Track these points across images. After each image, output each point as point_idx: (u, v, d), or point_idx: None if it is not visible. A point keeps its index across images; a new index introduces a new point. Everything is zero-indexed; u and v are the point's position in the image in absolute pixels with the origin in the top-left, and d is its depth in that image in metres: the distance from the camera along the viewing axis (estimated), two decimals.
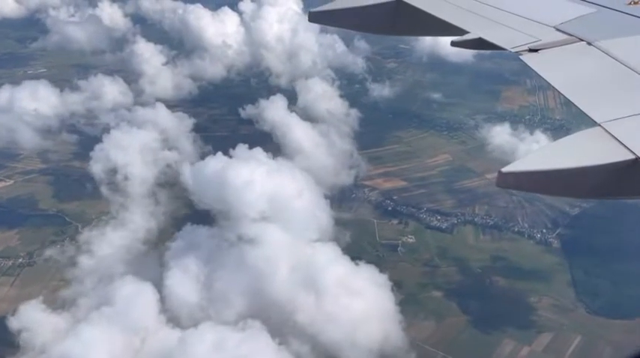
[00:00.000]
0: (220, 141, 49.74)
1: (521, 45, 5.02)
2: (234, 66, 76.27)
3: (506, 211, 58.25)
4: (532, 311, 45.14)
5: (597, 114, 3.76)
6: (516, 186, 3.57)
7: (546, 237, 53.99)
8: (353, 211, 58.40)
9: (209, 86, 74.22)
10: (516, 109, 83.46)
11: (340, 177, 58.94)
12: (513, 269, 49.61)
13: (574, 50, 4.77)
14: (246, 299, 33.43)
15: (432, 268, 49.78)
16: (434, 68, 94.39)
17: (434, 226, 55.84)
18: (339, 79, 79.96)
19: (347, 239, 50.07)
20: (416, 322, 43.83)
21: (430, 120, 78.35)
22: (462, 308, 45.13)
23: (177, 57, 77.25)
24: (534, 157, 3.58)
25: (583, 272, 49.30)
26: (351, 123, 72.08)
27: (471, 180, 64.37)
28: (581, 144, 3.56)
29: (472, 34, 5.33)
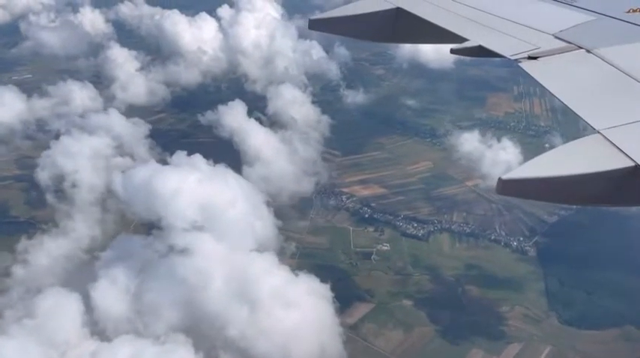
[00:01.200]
0: (179, 148, 49.18)
1: (521, 52, 4.99)
2: (210, 72, 75.98)
3: (484, 219, 57.68)
4: (503, 320, 44.44)
5: (596, 122, 3.75)
6: (516, 194, 3.53)
7: (522, 245, 53.38)
8: (329, 218, 57.84)
9: (183, 92, 73.75)
10: (501, 116, 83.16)
11: (304, 184, 58.09)
12: (487, 278, 48.96)
13: (573, 58, 4.76)
14: (176, 312, 32.61)
15: (405, 276, 49.15)
16: (421, 75, 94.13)
17: (410, 234, 55.23)
18: (319, 86, 79.73)
19: (292, 249, 49.71)
20: (384, 332, 43.19)
21: (413, 126, 77.99)
22: (432, 317, 44.45)
23: (152, 63, 77.06)
24: (534, 164, 3.53)
25: (557, 281, 48.67)
26: (330, 130, 71.69)
27: (451, 187, 63.87)
28: (581, 152, 3.54)
29: (472, 41, 5.33)
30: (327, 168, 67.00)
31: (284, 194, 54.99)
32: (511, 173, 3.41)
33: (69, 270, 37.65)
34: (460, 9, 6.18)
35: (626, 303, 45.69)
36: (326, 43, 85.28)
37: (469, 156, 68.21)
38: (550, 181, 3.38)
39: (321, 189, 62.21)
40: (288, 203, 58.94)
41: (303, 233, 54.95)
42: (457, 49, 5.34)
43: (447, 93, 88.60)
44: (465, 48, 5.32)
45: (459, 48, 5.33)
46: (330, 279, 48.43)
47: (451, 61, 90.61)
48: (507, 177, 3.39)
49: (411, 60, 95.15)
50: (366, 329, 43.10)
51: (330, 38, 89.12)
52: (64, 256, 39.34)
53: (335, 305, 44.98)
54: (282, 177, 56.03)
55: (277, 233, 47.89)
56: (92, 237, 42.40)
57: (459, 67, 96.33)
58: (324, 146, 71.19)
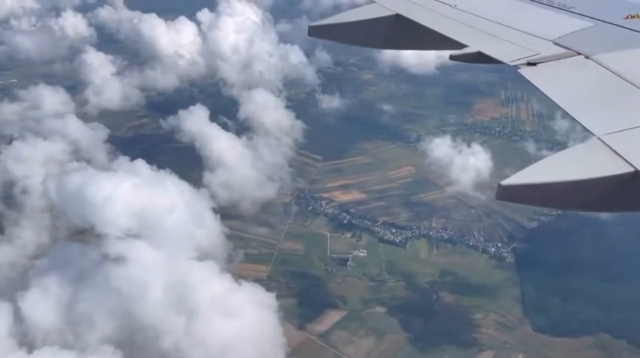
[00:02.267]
0: (140, 153, 48.67)
1: (520, 58, 4.98)
2: (188, 76, 75.62)
3: (463, 225, 57.19)
4: (476, 328, 43.88)
5: (596, 128, 3.73)
6: (515, 199, 3.52)
7: (500, 251, 52.87)
8: (307, 224, 57.34)
9: (159, 97, 73.32)
10: (487, 121, 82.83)
11: (267, 190, 57.57)
12: (462, 285, 48.44)
13: (572, 64, 4.79)
14: (110, 322, 31.91)
15: (379, 283, 48.62)
16: (409, 80, 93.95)
17: (387, 240, 54.74)
18: (301, 91, 79.42)
19: (241, 257, 49.02)
20: (355, 339, 42.63)
21: (398, 131, 77.63)
22: (404, 325, 43.88)
23: (128, 67, 76.62)
24: (534, 170, 3.51)
25: (533, 287, 48.17)
26: (312, 135, 71.34)
27: (432, 192, 63.47)
28: (580, 158, 3.53)
29: (471, 47, 5.33)
30: (308, 174, 66.73)
31: (246, 199, 54.28)
32: (511, 179, 3.37)
33: (10, 278, 36.99)
34: (459, 15, 6.17)
35: (601, 311, 45.23)
36: (308, 47, 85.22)
37: (449, 161, 67.70)
38: (549, 187, 3.36)
39: (300, 195, 61.76)
40: (265, 209, 58.57)
41: (279, 239, 54.42)
42: (456, 55, 5.32)
43: (433, 99, 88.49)
44: (464, 54, 5.29)
45: (458, 54, 5.31)
46: (302, 286, 48.30)
47: (439, 67, 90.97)
48: (507, 182, 3.34)
49: (399, 65, 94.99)
50: (337, 337, 42.53)
51: (313, 42, 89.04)
52: (7, 264, 38.69)
53: (303, 312, 44.72)
54: (245, 182, 55.27)
55: (226, 240, 47.04)
56: (38, 244, 41.87)
57: (447, 72, 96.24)
58: (305, 151, 70.93)
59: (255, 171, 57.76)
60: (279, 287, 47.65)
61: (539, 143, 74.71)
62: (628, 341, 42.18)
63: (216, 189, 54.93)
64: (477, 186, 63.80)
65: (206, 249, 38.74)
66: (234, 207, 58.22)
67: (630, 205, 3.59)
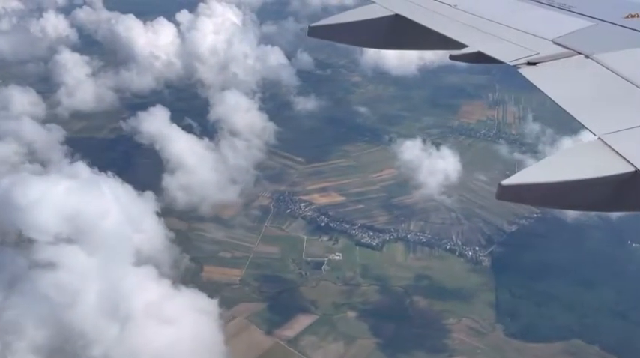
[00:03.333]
0: (99, 155, 48.26)
1: (520, 58, 4.97)
2: (165, 78, 75.03)
3: (441, 228, 56.70)
4: (447, 333, 43.36)
5: (596, 127, 3.72)
6: (516, 199, 3.49)
7: (477, 255, 52.36)
8: (285, 227, 56.83)
9: (133, 98, 72.73)
10: (473, 124, 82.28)
11: (229, 193, 56.98)
12: (436, 289, 47.94)
13: (572, 63, 4.78)
14: (40, 330, 31.19)
15: (353, 287, 48.10)
16: (398, 82, 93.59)
17: (364, 243, 54.23)
18: (279, 92, 78.79)
19: (187, 262, 48.13)
20: (324, 344, 42.12)
21: (382, 134, 77.11)
22: (375, 329, 43.36)
23: (104, 68, 76.02)
24: (534, 170, 3.51)
25: (508, 292, 47.65)
26: (294, 137, 70.89)
27: (412, 195, 62.92)
28: (581, 157, 3.54)
29: (471, 47, 5.30)
30: (289, 176, 66.27)
31: (207, 202, 53.76)
32: (511, 179, 3.33)
33: None
34: (459, 15, 6.16)
35: (575, 316, 44.77)
36: (292, 48, 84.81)
37: (431, 164, 67.27)
38: (550, 187, 3.35)
39: (279, 198, 61.27)
40: (242, 212, 58.13)
41: (255, 242, 53.91)
42: (456, 55, 5.27)
43: (420, 101, 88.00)
44: (464, 54, 5.24)
45: (458, 54, 5.26)
46: (275, 290, 47.76)
47: (429, 69, 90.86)
48: (507, 183, 3.31)
49: (381, 67, 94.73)
50: (306, 342, 42.00)
51: (296, 44, 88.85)
52: None
53: (273, 317, 44.19)
54: (206, 184, 54.67)
55: (170, 245, 46.35)
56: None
57: (436, 74, 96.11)
58: (287, 153, 70.51)
59: (218, 173, 57.18)
60: (250, 291, 47.25)
61: (523, 146, 74.33)
62: (600, 346, 41.69)
63: (175, 192, 54.50)
64: (458, 188, 63.50)
65: (148, 254, 38.07)
66: (211, 210, 57.88)
67: (631, 205, 3.57)
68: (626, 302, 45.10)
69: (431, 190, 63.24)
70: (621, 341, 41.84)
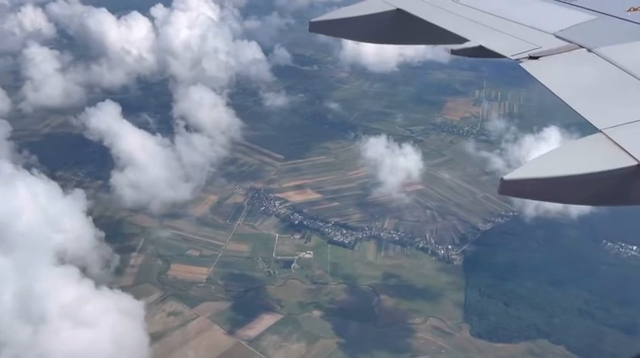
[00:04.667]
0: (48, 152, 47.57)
1: (522, 52, 4.92)
2: (137, 73, 74.27)
3: (415, 226, 56.03)
4: (412, 333, 42.77)
5: (598, 121, 3.69)
6: (518, 194, 3.48)
7: (449, 253, 51.70)
8: (257, 225, 56.19)
9: (102, 94, 71.70)
10: (457, 121, 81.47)
11: (180, 190, 56.21)
12: (405, 288, 47.35)
13: (574, 57, 4.76)
14: None
15: (321, 286, 47.52)
16: (385, 78, 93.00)
17: (336, 241, 53.64)
18: (249, 89, 77.94)
19: (116, 263, 47.07)
20: (286, 344, 41.54)
21: (365, 131, 76.31)
22: (339, 329, 42.76)
23: (74, 63, 75.14)
24: (536, 164, 3.48)
25: (477, 291, 46.99)
26: (275, 134, 70.23)
27: (388, 193, 62.16)
28: (583, 151, 3.52)
29: (472, 41, 5.26)
30: (266, 173, 65.64)
31: (157, 199, 53.07)
32: (513, 173, 3.32)
33: None
34: (460, 9, 6.13)
35: (543, 316, 44.12)
36: (265, 43, 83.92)
37: (408, 161, 66.63)
38: (552, 181, 3.33)
39: (254, 195, 60.66)
40: (214, 210, 57.54)
41: (225, 240, 53.32)
42: (457, 49, 5.23)
43: (406, 98, 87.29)
44: (465, 48, 5.20)
45: (460, 48, 5.22)
46: (241, 289, 47.17)
47: (418, 65, 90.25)
48: (509, 177, 3.29)
49: (367, 64, 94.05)
50: (268, 342, 41.44)
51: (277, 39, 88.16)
52: None
53: (236, 317, 43.64)
54: (158, 182, 53.98)
55: (100, 244, 45.63)
56: None
57: (424, 70, 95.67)
58: (267, 150, 69.94)
59: (172, 170, 56.29)
60: (216, 290, 46.69)
61: (508, 142, 73.49)
62: (566, 347, 41.06)
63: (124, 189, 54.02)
64: (435, 186, 62.87)
65: (74, 254, 37.35)
66: (183, 208, 57.36)
67: (633, 199, 3.54)
68: (595, 302, 44.45)
69: (407, 188, 62.63)
70: (588, 342, 41.26)
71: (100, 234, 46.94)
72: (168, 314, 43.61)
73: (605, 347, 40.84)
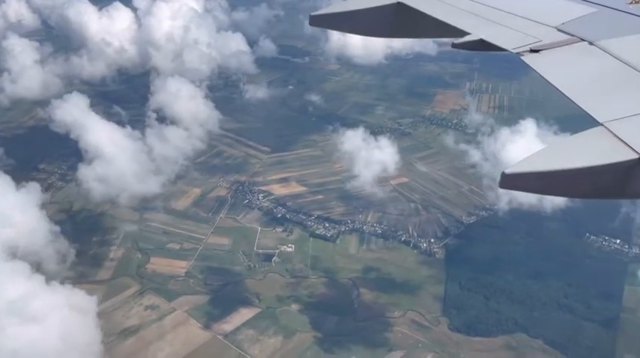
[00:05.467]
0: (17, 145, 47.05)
1: (523, 46, 4.91)
2: (119, 65, 73.54)
3: (398, 219, 55.69)
4: (390, 327, 42.51)
5: (600, 114, 3.67)
6: (519, 188, 3.44)
7: (432, 247, 51.41)
8: (240, 218, 55.83)
9: (81, 85, 70.83)
10: (446, 113, 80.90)
11: (150, 183, 55.74)
12: (385, 282, 47.06)
13: (575, 50, 4.76)
14: None
15: (300, 279, 47.25)
16: (376, 70, 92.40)
17: (318, 234, 53.31)
18: (244, 81, 77.45)
19: (72, 258, 46.45)
20: (262, 338, 41.30)
21: (353, 123, 75.75)
22: (316, 323, 42.54)
23: (54, 54, 74.20)
24: (537, 158, 3.40)
25: (458, 285, 46.68)
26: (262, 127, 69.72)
27: (374, 186, 61.70)
28: (584, 145, 3.47)
29: (473, 35, 5.23)
30: (251, 166, 65.23)
31: (136, 192, 52.66)
32: (514, 167, 3.29)
33: None
34: (461, 2, 6.10)
35: (522, 309, 43.86)
36: (250, 35, 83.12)
37: (400, 154, 66.24)
38: (553, 175, 3.31)
39: (238, 188, 60.27)
40: (197, 203, 57.18)
41: (207, 233, 52.97)
42: (458, 43, 5.16)
43: (396, 90, 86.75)
44: (466, 42, 5.15)
45: (461, 42, 5.16)
46: (220, 283, 46.87)
47: (409, 58, 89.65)
48: (510, 171, 3.29)
49: (364, 56, 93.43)
50: (244, 336, 41.21)
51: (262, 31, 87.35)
52: None
53: (214, 311, 43.38)
54: (126, 175, 53.51)
55: (54, 239, 45.12)
56: None
57: (416, 62, 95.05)
58: (253, 143, 69.51)
59: (140, 163, 55.75)
60: (195, 283, 46.40)
61: (497, 135, 72.91)
62: (544, 340, 40.83)
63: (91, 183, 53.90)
64: (420, 179, 62.52)
65: (26, 250, 36.83)
66: (165, 201, 57.01)
67: (634, 192, 3.51)
68: (574, 296, 44.21)
69: (392, 181, 62.27)
70: (566, 336, 41.04)
71: (55, 228, 46.47)
72: (145, 307, 43.36)
73: (583, 340, 40.63)
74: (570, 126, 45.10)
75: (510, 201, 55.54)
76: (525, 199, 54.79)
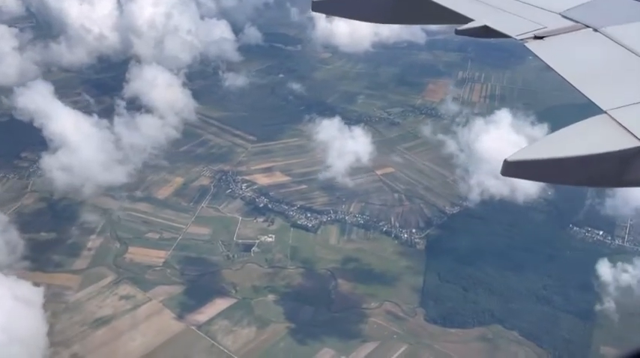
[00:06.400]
0: None
1: (527, 32, 4.85)
2: (100, 52, 72.74)
3: (381, 209, 55.20)
4: (366, 318, 42.21)
5: (603, 102, 3.68)
6: (521, 175, 3.39)
7: (413, 237, 50.98)
8: (222, 208, 55.46)
9: (60, 73, 70.03)
10: (436, 103, 79.99)
11: (115, 173, 55.19)
12: (363, 272, 46.71)
13: (580, 37, 4.71)
14: None
15: (278, 270, 46.92)
16: (369, 58, 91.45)
17: (300, 225, 52.90)
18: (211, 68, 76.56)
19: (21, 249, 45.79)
20: (236, 329, 41.06)
21: (341, 112, 75.08)
22: (291, 314, 42.23)
23: (34, 41, 73.36)
24: (540, 145, 3.49)
25: (437, 276, 46.28)
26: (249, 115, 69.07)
27: (359, 176, 61.20)
28: (587, 132, 3.47)
29: (476, 21, 5.22)
30: (236, 155, 64.73)
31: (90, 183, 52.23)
32: (516, 154, 3.26)
33: None
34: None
35: (500, 301, 43.49)
36: (235, 22, 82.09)
37: (386, 144, 65.68)
38: (555, 162, 3.29)
39: (222, 177, 59.82)
40: (179, 192, 56.76)
41: (187, 223, 52.61)
42: (462, 29, 5.18)
43: (388, 79, 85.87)
44: (469, 28, 5.16)
45: (464, 29, 5.17)
46: (197, 273, 46.59)
47: (403, 46, 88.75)
48: (512, 158, 3.25)
49: (356, 44, 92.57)
50: (218, 327, 40.98)
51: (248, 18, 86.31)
52: None
53: (189, 301, 43.12)
54: (89, 164, 53.01)
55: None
56: None
57: (409, 51, 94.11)
58: (240, 131, 68.99)
59: (106, 152, 55.21)
60: (172, 273, 46.14)
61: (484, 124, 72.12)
62: (519, 332, 40.49)
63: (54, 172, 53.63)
64: (405, 169, 62.00)
65: None
66: (147, 190, 56.64)
67: (636, 181, 3.49)
68: (553, 288, 43.82)
69: (378, 171, 61.72)
70: (542, 328, 40.65)
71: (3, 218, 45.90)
72: (120, 297, 43.14)
73: (559, 332, 40.25)
74: (562, 116, 44.45)
75: (495, 192, 55.01)
76: (510, 190, 54.35)
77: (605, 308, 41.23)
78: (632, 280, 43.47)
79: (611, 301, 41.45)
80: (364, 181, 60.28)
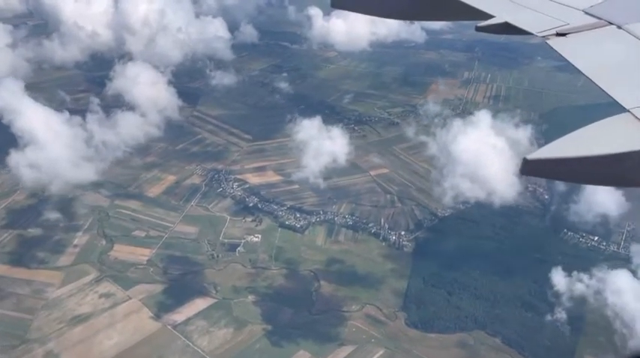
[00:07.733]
0: None
1: (549, 29, 4.79)
2: (93, 49, 72.97)
3: (372, 211, 54.40)
4: (345, 321, 41.49)
5: (626, 100, 3.61)
6: (541, 174, 3.42)
7: (401, 239, 50.07)
8: (212, 207, 55.20)
9: (51, 70, 70.40)
10: (439, 103, 78.80)
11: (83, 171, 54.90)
12: (346, 275, 45.99)
13: (603, 34, 4.63)
14: None
15: (261, 270, 46.45)
16: (373, 58, 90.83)
17: (288, 225, 52.38)
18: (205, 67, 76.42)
19: None
20: (213, 330, 40.66)
21: (340, 112, 74.50)
22: (269, 316, 41.70)
23: (26, 38, 73.81)
24: (560, 144, 3.35)
25: (422, 279, 45.35)
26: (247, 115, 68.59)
27: (353, 176, 60.51)
28: (609, 131, 3.43)
29: (497, 18, 5.18)
30: (230, 154, 64.45)
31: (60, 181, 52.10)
32: (536, 153, 3.21)
33: None
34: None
35: (485, 306, 42.40)
36: (231, 20, 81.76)
37: (384, 144, 64.81)
38: (577, 161, 3.22)
39: (214, 176, 59.59)
40: (169, 190, 56.66)
41: (175, 222, 52.44)
42: (483, 26, 5.14)
43: (391, 78, 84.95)
44: (491, 25, 5.12)
45: (485, 25, 5.13)
46: (180, 272, 46.32)
47: (409, 45, 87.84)
48: (533, 157, 3.20)
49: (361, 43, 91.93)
50: (194, 327, 40.62)
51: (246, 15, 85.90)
52: None
53: (168, 300, 42.88)
54: (58, 162, 52.82)
55: None
56: None
57: (415, 50, 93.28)
58: (237, 130, 68.75)
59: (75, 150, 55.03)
60: (154, 272, 45.95)
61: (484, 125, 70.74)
62: (502, 338, 39.37)
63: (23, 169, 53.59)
64: (401, 170, 61.10)
65: None
66: (137, 188, 56.64)
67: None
68: (539, 293, 42.56)
69: (372, 171, 60.92)
70: (525, 334, 39.51)
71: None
72: (100, 295, 43.07)
73: (541, 339, 39.08)
74: (568, 117, 43.05)
75: (489, 195, 53.84)
76: (505, 193, 53.16)
77: (591, 316, 39.92)
78: (622, 287, 41.96)
79: (598, 309, 40.10)
80: (357, 182, 59.57)
